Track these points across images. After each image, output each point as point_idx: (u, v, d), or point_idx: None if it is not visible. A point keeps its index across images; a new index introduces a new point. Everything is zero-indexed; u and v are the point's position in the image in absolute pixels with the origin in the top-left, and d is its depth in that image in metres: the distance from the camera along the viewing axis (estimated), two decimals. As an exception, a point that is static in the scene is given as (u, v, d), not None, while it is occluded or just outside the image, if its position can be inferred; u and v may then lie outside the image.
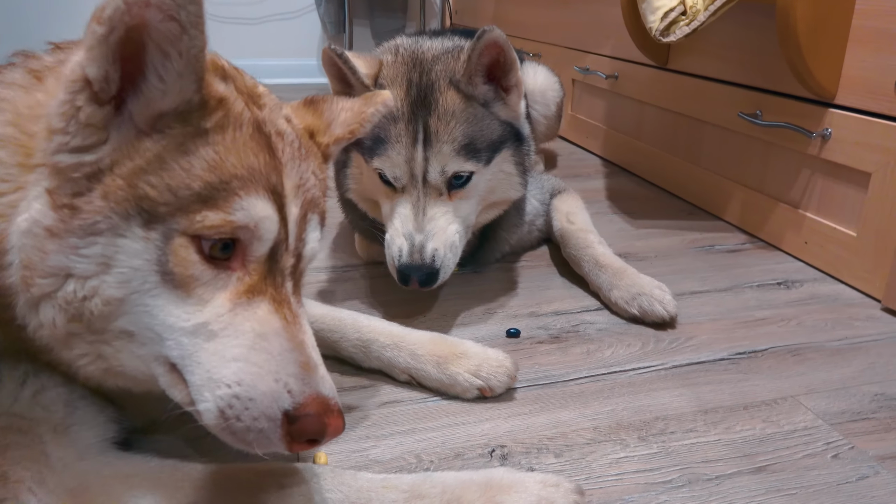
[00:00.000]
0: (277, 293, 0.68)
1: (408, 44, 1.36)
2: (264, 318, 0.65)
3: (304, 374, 0.64)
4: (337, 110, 0.85)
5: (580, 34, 2.66)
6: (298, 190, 0.71)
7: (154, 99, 0.62)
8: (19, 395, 0.72)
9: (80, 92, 0.61)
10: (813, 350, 1.18)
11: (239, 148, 0.65)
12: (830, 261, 1.49)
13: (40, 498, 0.69)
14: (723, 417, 0.99)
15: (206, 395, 0.63)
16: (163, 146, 0.63)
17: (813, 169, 1.54)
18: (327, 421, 0.64)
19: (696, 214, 1.89)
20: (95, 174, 0.62)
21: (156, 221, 0.62)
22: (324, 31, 4.67)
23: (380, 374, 1.08)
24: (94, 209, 0.61)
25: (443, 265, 1.19)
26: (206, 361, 0.63)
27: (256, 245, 0.66)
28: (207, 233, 0.63)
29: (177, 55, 0.61)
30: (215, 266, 0.65)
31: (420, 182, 1.21)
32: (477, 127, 1.23)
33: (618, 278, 1.32)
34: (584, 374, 1.11)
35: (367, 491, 0.74)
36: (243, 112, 0.68)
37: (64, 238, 0.62)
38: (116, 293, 0.63)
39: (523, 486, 0.76)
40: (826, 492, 0.85)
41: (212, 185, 0.63)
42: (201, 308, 0.64)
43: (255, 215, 0.64)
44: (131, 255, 0.62)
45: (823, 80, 1.45)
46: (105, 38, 0.58)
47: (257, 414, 0.62)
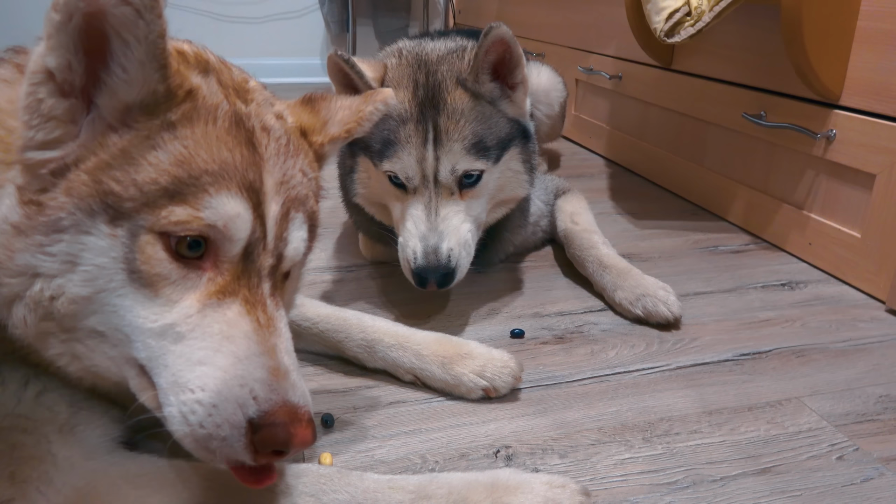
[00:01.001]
0: (251, 294, 0.65)
1: (411, 46, 1.36)
2: (233, 320, 0.63)
3: (272, 381, 0.61)
4: (335, 109, 0.84)
5: (584, 34, 2.66)
6: (281, 187, 0.68)
7: (119, 91, 0.61)
8: (22, 397, 0.72)
9: (42, 84, 0.60)
10: (817, 351, 1.18)
11: (211, 142, 0.64)
12: (835, 262, 1.49)
13: (48, 497, 0.69)
14: (727, 419, 0.99)
15: (170, 398, 0.61)
16: (128, 140, 0.61)
17: (817, 170, 1.54)
18: (293, 431, 0.61)
19: (700, 215, 1.89)
20: (60, 170, 0.61)
21: (122, 218, 0.61)
22: (327, 30, 4.68)
23: (384, 375, 1.08)
24: (57, 205, 0.60)
25: (458, 265, 1.20)
26: (172, 364, 0.61)
27: (227, 245, 0.64)
28: (174, 229, 0.61)
29: (136, 42, 0.59)
30: (185, 265, 0.63)
31: (431, 182, 1.21)
32: (486, 125, 1.23)
33: (622, 279, 1.32)
34: (588, 374, 1.11)
35: (373, 491, 0.74)
36: (220, 105, 0.66)
37: (30, 235, 0.60)
38: (82, 291, 0.62)
39: (529, 487, 0.76)
40: (831, 493, 0.85)
41: (180, 179, 0.61)
42: (169, 309, 0.62)
43: (225, 214, 0.62)
44: (96, 252, 0.61)
45: (828, 81, 1.45)
46: (63, 26, 0.58)
47: (220, 421, 0.60)
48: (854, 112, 1.43)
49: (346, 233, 1.71)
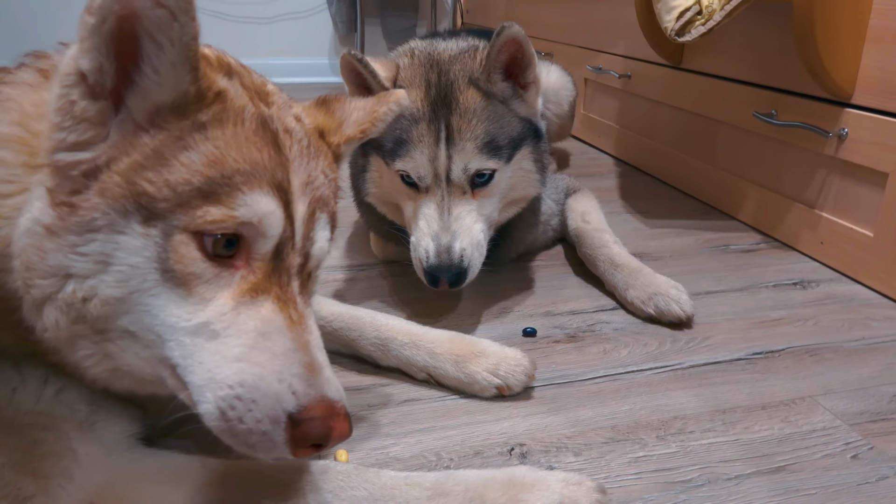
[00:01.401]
0: (283, 292, 0.66)
1: (423, 46, 1.37)
2: (268, 318, 0.63)
3: (308, 376, 0.62)
4: (349, 110, 0.84)
5: (593, 33, 2.66)
6: (306, 188, 0.69)
7: (150, 92, 0.62)
8: (42, 395, 0.72)
9: (74, 86, 0.60)
10: (830, 350, 1.18)
11: (241, 142, 0.64)
12: (847, 261, 1.48)
13: (70, 493, 0.70)
14: (741, 417, 1.00)
15: (206, 395, 0.61)
16: (160, 141, 0.62)
17: (829, 169, 1.54)
18: (332, 424, 0.62)
19: (711, 214, 1.89)
20: (93, 171, 0.61)
21: (155, 218, 0.61)
22: (335, 30, 4.69)
23: (398, 373, 1.09)
24: (91, 206, 0.61)
25: (470, 265, 1.20)
26: (207, 361, 0.61)
27: (261, 242, 0.64)
28: (209, 228, 0.61)
29: (169, 44, 0.60)
30: (218, 264, 0.63)
31: (444, 181, 1.22)
32: (498, 124, 1.23)
33: (633, 278, 1.32)
34: (601, 373, 1.11)
35: (390, 488, 0.74)
36: (246, 107, 0.67)
37: (62, 236, 0.61)
38: (115, 293, 0.62)
39: (546, 485, 0.76)
40: (846, 492, 0.85)
41: (213, 180, 0.61)
42: (203, 307, 0.62)
43: (259, 211, 0.63)
44: (130, 252, 0.61)
45: (840, 79, 1.45)
46: (97, 29, 0.58)
47: (260, 416, 0.60)
48: (866, 111, 1.43)
49: (357, 232, 1.72)
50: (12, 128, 0.65)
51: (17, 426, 0.70)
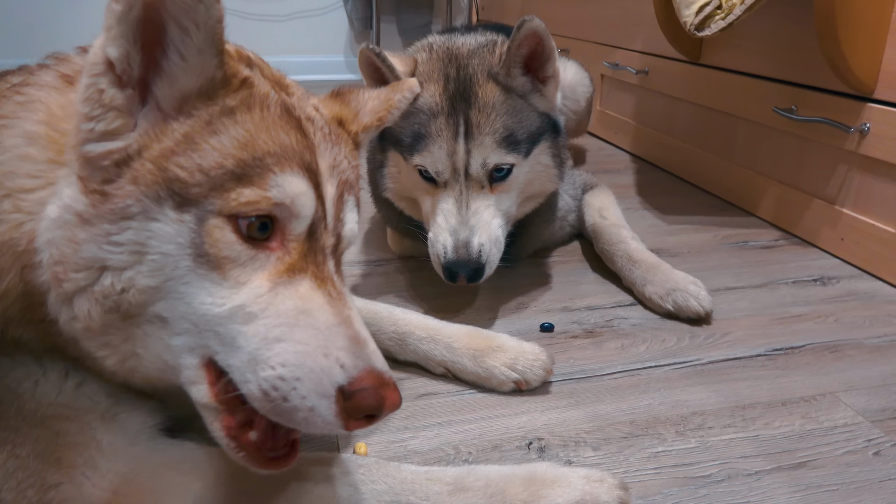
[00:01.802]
0: (319, 271, 0.66)
1: (441, 41, 1.37)
2: (307, 295, 0.63)
3: (355, 348, 0.62)
4: (364, 100, 0.85)
5: (610, 29, 2.65)
6: (333, 170, 0.70)
7: (177, 79, 0.62)
8: (63, 387, 0.73)
9: (102, 75, 0.61)
10: (851, 347, 1.17)
11: (269, 126, 0.65)
12: (868, 257, 1.47)
13: (94, 482, 0.70)
14: (761, 413, 0.99)
15: (248, 376, 0.61)
16: (190, 126, 0.62)
17: (850, 164, 1.52)
18: (385, 394, 0.61)
19: (729, 210, 1.87)
20: (124, 160, 0.62)
21: (188, 203, 0.61)
22: (351, 27, 4.70)
23: (416, 367, 1.09)
24: (124, 194, 0.61)
25: (488, 260, 1.20)
26: (246, 345, 0.61)
27: (294, 223, 0.65)
28: (244, 210, 0.61)
29: (195, 28, 0.60)
30: (253, 246, 0.63)
31: (462, 176, 1.22)
32: (517, 118, 1.23)
33: (651, 273, 1.31)
34: (619, 368, 1.11)
35: (410, 482, 0.74)
36: (270, 93, 0.68)
37: (96, 225, 0.61)
38: (150, 282, 0.62)
39: (567, 481, 0.76)
40: (868, 489, 0.84)
41: (245, 162, 0.62)
42: (237, 290, 0.62)
43: (292, 191, 0.63)
44: (164, 239, 0.61)
45: (862, 74, 1.43)
46: (124, 16, 0.59)
47: (306, 392, 0.60)
48: (889, 105, 1.41)
49: (374, 227, 1.73)
50: (39, 126, 0.66)
51: (41, 417, 0.71)
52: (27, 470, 0.70)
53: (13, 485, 0.70)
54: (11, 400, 0.71)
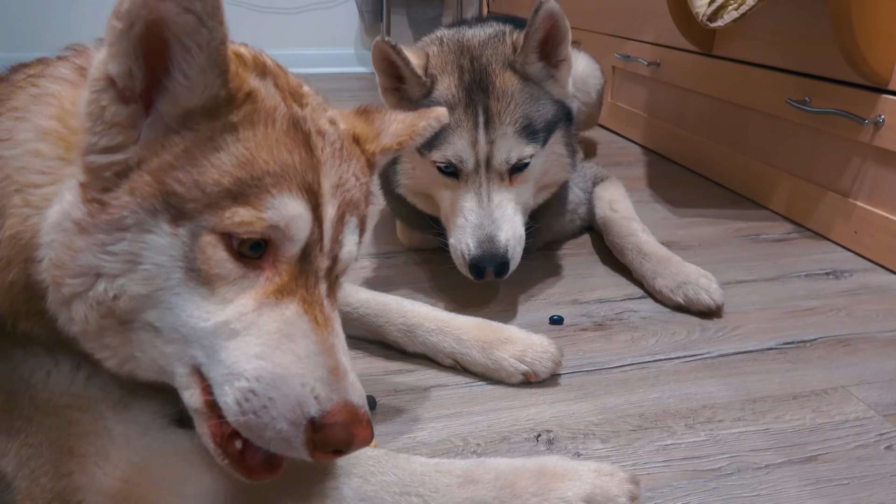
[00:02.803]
0: (309, 294, 0.65)
1: (450, 34, 1.36)
2: (292, 320, 0.63)
3: (332, 380, 0.62)
4: (388, 121, 0.84)
5: (621, 21, 2.63)
6: (337, 190, 0.69)
7: (180, 96, 0.61)
8: (75, 378, 0.74)
9: (104, 91, 0.60)
10: (864, 341, 1.16)
11: (271, 143, 0.64)
12: (882, 251, 1.45)
13: (106, 471, 0.71)
14: (771, 407, 0.98)
15: (225, 388, 0.62)
16: (190, 141, 0.62)
17: (864, 156, 1.50)
18: (355, 431, 0.61)
19: (741, 203, 1.86)
20: (124, 171, 0.62)
21: (183, 218, 0.61)
22: (361, 20, 4.69)
23: (424, 359, 1.09)
24: (121, 204, 0.61)
25: (513, 256, 1.20)
26: (226, 359, 0.62)
27: (287, 245, 0.64)
28: (237, 230, 0.61)
29: (197, 49, 0.59)
30: (244, 265, 0.63)
31: (483, 167, 1.21)
32: (535, 107, 1.23)
33: (662, 266, 1.31)
34: (628, 361, 1.10)
35: (420, 474, 0.74)
36: (278, 107, 0.66)
37: (92, 234, 0.61)
38: (141, 290, 0.62)
39: (577, 475, 0.75)
40: (879, 483, 0.84)
41: (242, 181, 0.61)
42: (223, 307, 0.62)
43: (287, 214, 0.62)
44: (157, 251, 0.61)
45: (877, 65, 1.42)
46: (125, 34, 0.58)
47: (277, 414, 0.60)
48: (904, 97, 1.39)
49: (383, 220, 1.73)
50: (51, 122, 0.66)
51: (53, 407, 0.72)
52: (40, 458, 0.71)
53: (26, 473, 0.71)
54: (24, 390, 0.72)
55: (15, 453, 0.72)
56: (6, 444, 0.72)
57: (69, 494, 0.70)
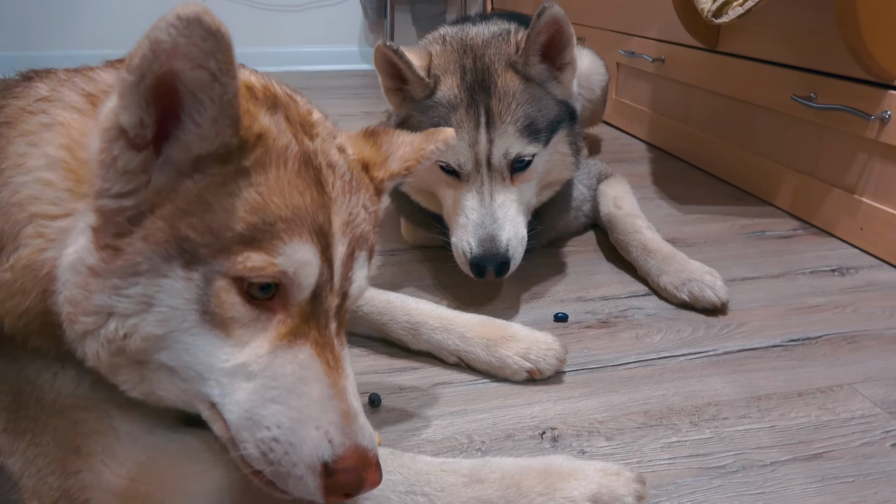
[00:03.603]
0: (320, 336, 0.66)
1: (453, 32, 1.36)
2: (306, 363, 0.64)
3: (344, 424, 0.63)
4: (396, 145, 0.83)
5: (626, 17, 2.62)
6: (347, 227, 0.69)
7: (191, 143, 0.61)
8: (81, 380, 0.74)
9: (115, 140, 0.60)
10: (870, 338, 1.16)
11: (283, 187, 0.64)
12: (888, 247, 1.45)
13: (112, 470, 0.71)
14: (776, 404, 0.98)
15: (245, 435, 0.63)
16: (203, 187, 0.62)
17: (870, 153, 1.50)
18: (365, 476, 0.63)
19: (746, 200, 1.85)
20: (137, 216, 0.62)
21: (197, 262, 0.61)
22: (365, 17, 4.69)
23: (429, 357, 1.09)
24: (135, 251, 0.61)
25: (514, 256, 1.20)
26: (244, 401, 0.63)
27: (296, 290, 0.65)
28: (249, 275, 0.61)
29: (210, 102, 0.59)
30: (256, 307, 0.64)
31: (484, 167, 1.21)
32: (536, 107, 1.23)
33: (667, 263, 1.31)
34: (633, 358, 1.10)
35: (426, 474, 0.74)
36: (289, 146, 0.66)
37: (106, 279, 0.61)
38: (156, 331, 0.63)
39: (583, 474, 0.75)
40: (885, 480, 0.83)
41: (255, 226, 0.61)
42: (240, 349, 0.63)
43: (298, 261, 0.63)
44: (172, 294, 0.62)
45: (883, 60, 1.41)
46: (136, 86, 0.57)
47: (297, 460, 0.62)
48: (910, 92, 1.39)
49: (387, 217, 1.72)
50: (60, 152, 0.65)
51: (59, 407, 0.72)
52: (47, 457, 0.71)
53: (33, 472, 0.72)
54: (31, 391, 0.72)
55: (22, 452, 0.72)
56: (13, 443, 0.72)
57: (76, 493, 0.70)
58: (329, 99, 3.25)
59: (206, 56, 0.56)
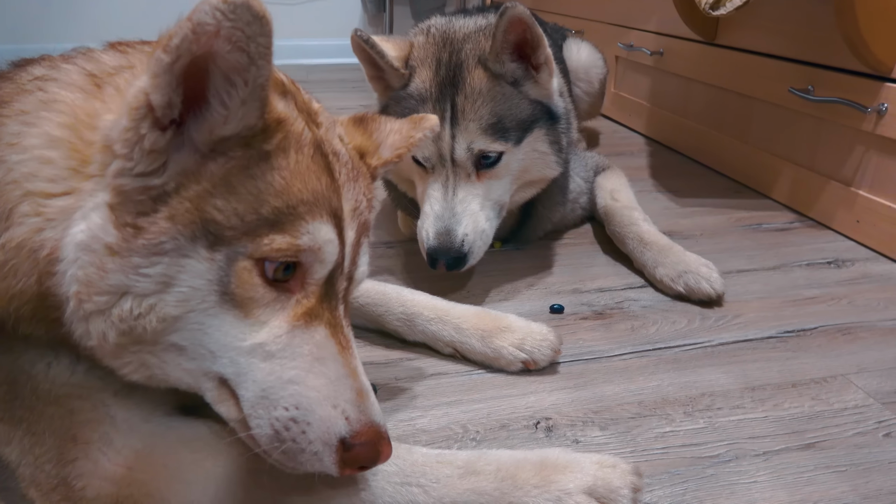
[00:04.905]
0: (333, 317, 0.68)
1: (440, 24, 1.36)
2: (322, 343, 0.66)
3: (359, 402, 0.66)
4: (386, 132, 0.85)
5: (624, 10, 2.62)
6: (354, 213, 0.71)
7: (216, 124, 0.62)
8: (75, 369, 0.74)
9: (143, 119, 0.60)
10: (865, 329, 1.16)
11: (303, 171, 0.65)
12: (884, 240, 1.45)
13: (110, 457, 0.71)
14: (771, 394, 0.99)
15: (260, 413, 0.64)
16: (228, 170, 0.62)
17: (867, 145, 1.50)
18: (381, 449, 0.66)
19: (743, 193, 1.86)
20: (161, 196, 0.62)
21: (220, 244, 0.62)
22: (364, 10, 4.68)
23: (424, 348, 1.09)
24: (159, 230, 0.61)
25: (471, 251, 1.20)
26: (261, 380, 0.64)
27: (318, 268, 0.66)
28: (273, 255, 0.63)
29: (242, 84, 0.60)
30: (275, 288, 0.65)
31: (449, 162, 1.22)
32: (505, 106, 1.22)
33: (663, 255, 1.31)
34: (628, 349, 1.11)
35: (421, 465, 0.75)
36: (304, 132, 0.67)
37: (126, 257, 0.61)
38: (173, 311, 0.63)
39: (579, 467, 0.76)
40: (877, 469, 0.84)
41: (279, 209, 0.63)
42: (258, 329, 0.65)
43: (321, 239, 0.65)
44: (193, 275, 0.62)
45: (880, 53, 1.41)
46: (171, 66, 0.58)
47: (314, 437, 0.64)
48: (907, 85, 1.39)
49: (384, 209, 1.73)
50: (63, 131, 0.65)
51: (55, 396, 0.72)
52: (44, 445, 0.72)
53: (30, 460, 0.72)
54: (25, 380, 0.72)
55: (18, 441, 0.72)
56: (9, 432, 0.72)
57: (73, 480, 0.71)
58: (328, 92, 3.24)
59: (248, 40, 0.57)
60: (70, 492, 0.71)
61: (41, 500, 0.71)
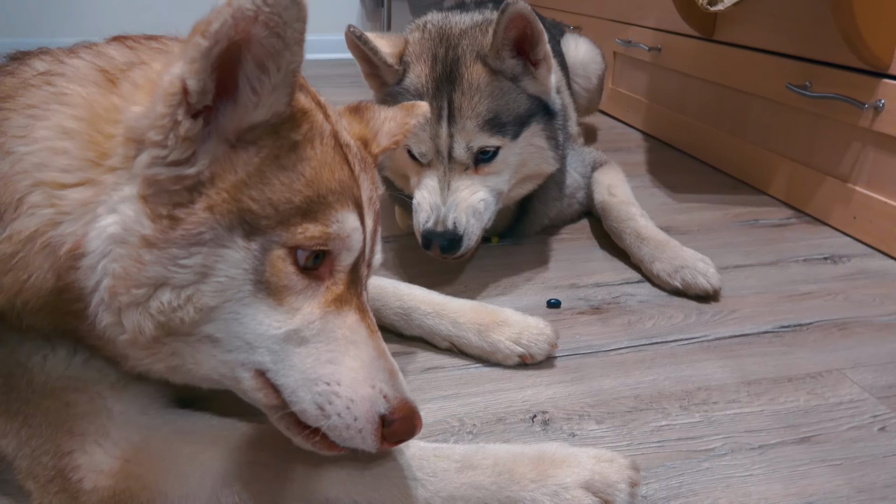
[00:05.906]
0: (360, 302, 0.71)
1: (437, 19, 1.36)
2: (354, 327, 0.69)
3: (392, 381, 0.69)
4: (381, 120, 0.88)
5: (622, 6, 2.62)
6: (370, 202, 0.74)
7: (246, 111, 0.62)
8: (72, 361, 0.74)
9: (179, 105, 0.60)
10: (860, 324, 1.16)
11: (328, 161, 0.68)
12: (880, 236, 1.45)
13: (106, 450, 0.72)
14: (766, 389, 0.99)
15: (301, 394, 0.66)
16: (261, 160, 0.63)
17: (864, 142, 1.50)
18: (416, 423, 0.69)
19: (740, 189, 1.86)
20: (196, 186, 0.62)
21: (256, 233, 0.63)
22: (362, 6, 4.67)
23: (421, 342, 1.10)
24: (198, 220, 0.62)
25: (466, 231, 1.20)
26: (299, 364, 0.66)
27: (345, 255, 0.69)
28: (307, 244, 0.65)
29: (275, 70, 0.61)
30: (307, 276, 0.67)
31: (445, 158, 1.22)
32: (502, 101, 1.22)
33: (660, 251, 1.31)
34: (625, 344, 1.11)
35: (418, 458, 0.75)
36: (324, 124, 0.69)
37: (164, 248, 0.61)
38: (211, 301, 0.63)
39: (576, 461, 0.76)
40: (872, 463, 0.84)
41: (311, 199, 0.65)
42: (292, 316, 0.66)
43: (349, 227, 0.67)
44: (231, 264, 0.63)
45: (878, 49, 1.41)
46: (208, 52, 0.58)
47: (358, 414, 0.66)
48: (904, 81, 1.39)
49: (382, 205, 1.72)
50: (77, 123, 0.65)
51: (51, 389, 0.72)
52: (40, 438, 0.72)
53: (27, 452, 0.72)
54: (21, 373, 0.72)
55: (15, 434, 0.72)
56: (5, 425, 0.72)
57: (70, 472, 0.71)
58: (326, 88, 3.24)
59: (285, 25, 0.58)
60: (67, 484, 0.71)
61: (38, 492, 0.72)
